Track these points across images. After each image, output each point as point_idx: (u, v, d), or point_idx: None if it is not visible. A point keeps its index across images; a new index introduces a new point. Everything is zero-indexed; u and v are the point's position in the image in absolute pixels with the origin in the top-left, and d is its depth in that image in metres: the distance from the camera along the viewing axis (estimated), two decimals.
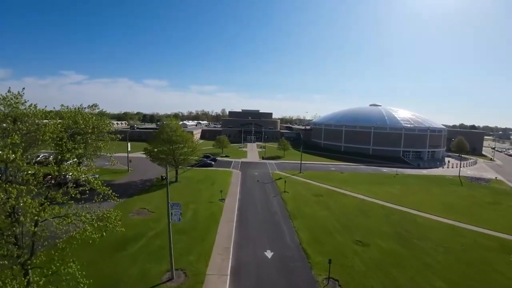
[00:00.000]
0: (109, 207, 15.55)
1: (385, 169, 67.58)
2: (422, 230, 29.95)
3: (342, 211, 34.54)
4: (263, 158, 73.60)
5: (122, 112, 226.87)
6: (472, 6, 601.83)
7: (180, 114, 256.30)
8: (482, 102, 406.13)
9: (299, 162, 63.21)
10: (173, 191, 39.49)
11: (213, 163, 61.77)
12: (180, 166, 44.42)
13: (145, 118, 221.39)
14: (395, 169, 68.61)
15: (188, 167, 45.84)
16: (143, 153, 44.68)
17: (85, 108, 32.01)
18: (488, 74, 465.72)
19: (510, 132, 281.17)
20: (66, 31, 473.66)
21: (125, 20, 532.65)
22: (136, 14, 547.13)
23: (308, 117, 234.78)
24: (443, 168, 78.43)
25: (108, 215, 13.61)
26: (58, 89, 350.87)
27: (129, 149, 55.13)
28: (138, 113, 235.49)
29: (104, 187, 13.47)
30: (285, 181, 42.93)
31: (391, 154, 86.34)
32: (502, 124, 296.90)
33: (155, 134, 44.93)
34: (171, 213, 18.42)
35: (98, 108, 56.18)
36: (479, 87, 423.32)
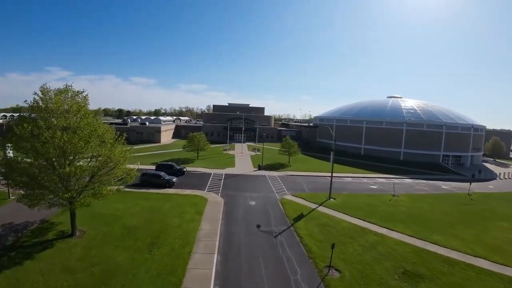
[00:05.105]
0: None
1: (444, 185, 44.73)
2: None
3: None
4: (259, 168, 48.47)
5: (102, 109, 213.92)
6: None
7: (163, 110, 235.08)
8: (470, 104, 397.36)
9: (318, 175, 39.34)
10: (40, 277, 13.97)
11: (175, 180, 34.92)
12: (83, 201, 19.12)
13: (121, 114, 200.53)
14: (451, 183, 46.72)
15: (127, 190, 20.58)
16: None
17: None
18: (476, 76, 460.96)
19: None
20: (52, 25, 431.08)
21: (112, 15, 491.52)
22: (124, 9, 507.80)
23: (298, 116, 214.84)
24: (501, 179, 57.46)
25: None
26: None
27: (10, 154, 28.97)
28: (118, 110, 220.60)
29: None
30: (333, 246, 17.68)
31: (428, 159, 64.09)
32: (493, 126, 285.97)
33: (11, 124, 18.81)
34: None
35: None
36: (467, 88, 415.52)
